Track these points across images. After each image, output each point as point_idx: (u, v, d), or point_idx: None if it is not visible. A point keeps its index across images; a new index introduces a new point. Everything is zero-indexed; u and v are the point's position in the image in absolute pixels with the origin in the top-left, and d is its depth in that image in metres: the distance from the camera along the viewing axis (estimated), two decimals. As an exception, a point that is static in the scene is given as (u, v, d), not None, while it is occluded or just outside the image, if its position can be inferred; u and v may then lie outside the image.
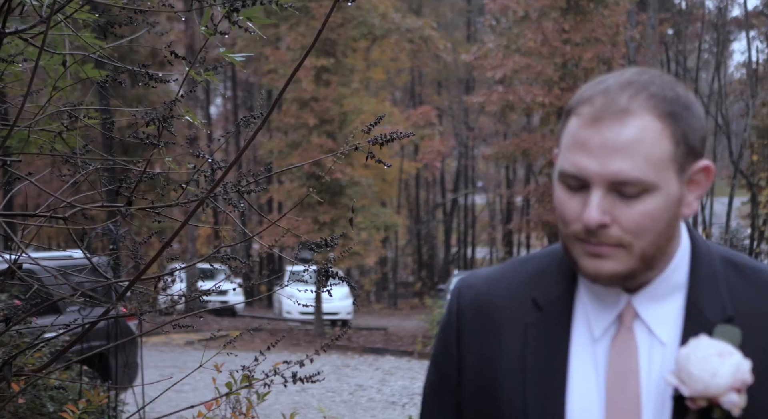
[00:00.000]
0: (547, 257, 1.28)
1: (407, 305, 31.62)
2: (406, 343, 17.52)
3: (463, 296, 1.29)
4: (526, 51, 18.36)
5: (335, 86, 18.38)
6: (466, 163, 34.93)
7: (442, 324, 1.30)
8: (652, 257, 1.15)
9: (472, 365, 1.24)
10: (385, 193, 28.05)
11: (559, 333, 1.20)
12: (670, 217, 1.15)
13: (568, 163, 1.14)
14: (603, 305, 1.20)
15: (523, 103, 18.25)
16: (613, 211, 1.12)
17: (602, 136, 1.11)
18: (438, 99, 33.43)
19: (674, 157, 1.13)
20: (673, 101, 1.14)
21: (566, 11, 18.09)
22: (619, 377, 1.16)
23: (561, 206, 1.17)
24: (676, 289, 1.20)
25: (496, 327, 1.23)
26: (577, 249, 1.16)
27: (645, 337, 1.18)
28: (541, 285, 1.24)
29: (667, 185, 1.13)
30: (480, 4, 30.33)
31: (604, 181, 1.11)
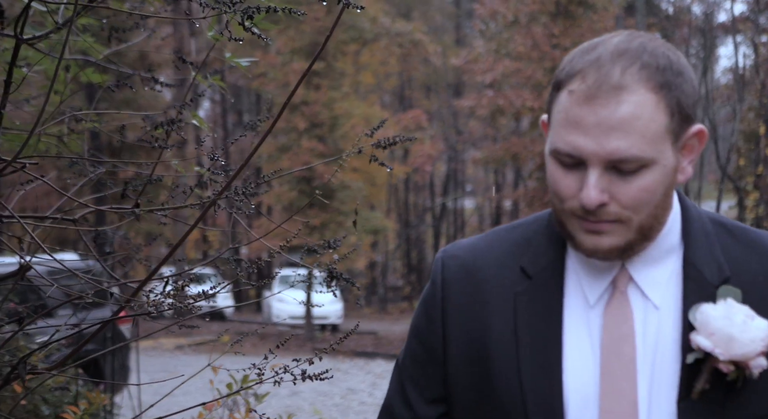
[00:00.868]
0: (533, 224, 1.25)
1: (397, 309, 31.63)
2: (396, 347, 17.56)
3: (447, 266, 1.24)
4: (516, 55, 18.45)
5: (325, 90, 18.42)
6: (455, 167, 35.01)
7: (425, 295, 1.25)
8: (650, 228, 1.13)
9: (459, 337, 1.19)
10: (375, 197, 28.09)
11: (551, 302, 1.17)
12: (667, 186, 1.13)
13: (563, 142, 1.11)
14: (596, 271, 1.17)
15: (513, 108, 18.33)
16: (610, 188, 1.10)
17: (597, 114, 1.08)
18: (427, 103, 33.50)
19: (670, 128, 1.10)
20: (666, 69, 1.10)
21: (555, 16, 18.20)
22: (614, 342, 1.14)
23: (555, 183, 1.13)
24: (669, 252, 1.17)
25: (483, 297, 1.19)
26: (573, 224, 1.13)
27: (639, 301, 1.16)
28: (530, 253, 1.21)
29: (664, 157, 1.10)
30: (469, 9, 30.45)
31: (602, 160, 1.09)
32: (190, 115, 1.63)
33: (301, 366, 1.36)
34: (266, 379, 1.35)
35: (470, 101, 19.44)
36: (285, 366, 1.38)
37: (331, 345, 1.36)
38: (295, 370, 1.37)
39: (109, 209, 1.48)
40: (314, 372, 1.39)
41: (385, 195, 32.24)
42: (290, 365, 1.39)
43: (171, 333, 2.72)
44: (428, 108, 32.58)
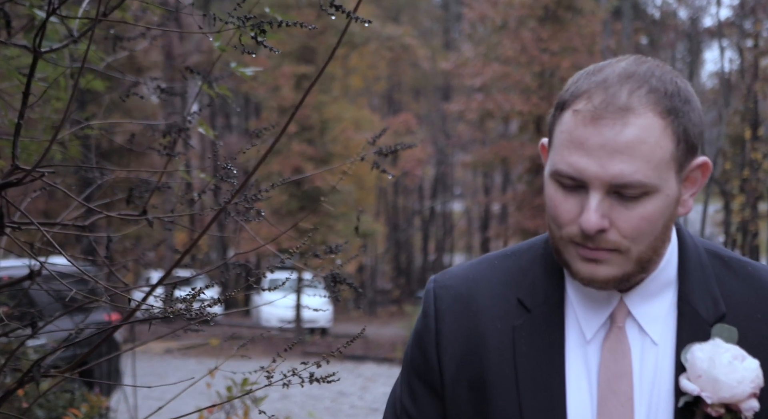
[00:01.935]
0: (527, 252, 1.20)
1: (385, 312, 31.65)
2: (386, 350, 17.58)
3: (440, 297, 1.20)
4: (505, 59, 18.56)
5: (315, 94, 18.45)
6: (444, 171, 35.09)
7: (418, 328, 1.21)
8: (648, 260, 1.10)
9: (456, 371, 1.15)
10: (364, 201, 28.13)
11: (551, 337, 1.13)
12: (667, 219, 1.10)
13: (564, 164, 1.07)
14: (594, 305, 1.14)
15: (502, 111, 18.43)
16: (611, 215, 1.07)
17: (602, 136, 1.05)
18: (416, 106, 33.57)
19: (675, 156, 1.07)
20: (674, 95, 1.07)
21: (544, 20, 18.32)
22: (612, 379, 1.10)
23: (555, 207, 1.10)
24: (666, 286, 1.14)
25: (479, 329, 1.15)
26: (570, 252, 1.10)
27: (637, 337, 1.13)
28: (526, 285, 1.16)
29: (667, 186, 1.07)
30: (458, 12, 30.55)
31: (604, 184, 1.05)
32: (196, 123, 1.67)
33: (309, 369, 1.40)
34: (275, 382, 1.39)
35: (459, 105, 19.53)
36: (293, 368, 1.42)
37: (338, 348, 1.39)
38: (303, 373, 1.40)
39: (119, 215, 1.51)
40: (321, 374, 1.43)
41: (374, 198, 32.29)
42: (298, 367, 1.42)
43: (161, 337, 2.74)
44: (417, 111, 32.66)
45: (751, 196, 19.27)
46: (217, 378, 3.13)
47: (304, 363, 1.42)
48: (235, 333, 1.94)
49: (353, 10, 1.36)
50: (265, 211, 1.58)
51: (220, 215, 1.60)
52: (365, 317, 30.30)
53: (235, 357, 1.97)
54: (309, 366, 1.40)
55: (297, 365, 1.49)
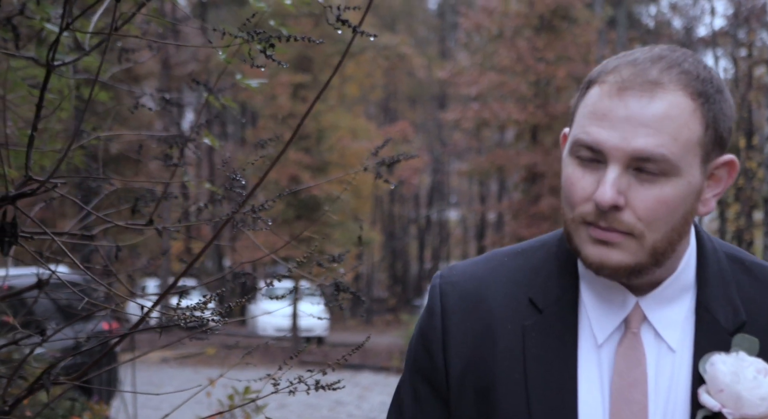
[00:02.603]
0: (539, 250, 1.15)
1: (382, 321, 31.62)
2: (382, 359, 17.57)
3: (446, 294, 1.14)
4: (501, 68, 18.65)
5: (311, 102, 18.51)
6: (440, 179, 35.15)
7: (423, 327, 1.15)
8: (663, 253, 1.04)
9: (463, 372, 1.10)
10: (360, 209, 28.14)
11: (564, 339, 1.07)
12: (687, 210, 1.04)
13: (584, 133, 1.02)
14: (609, 307, 1.08)
15: (498, 120, 18.51)
16: (628, 193, 1.01)
17: (628, 108, 1.00)
18: (412, 114, 33.65)
19: (702, 142, 1.02)
20: (707, 81, 1.03)
21: (539, 30, 18.41)
22: (625, 387, 1.05)
23: (570, 185, 1.04)
24: (684, 291, 1.09)
25: (488, 330, 1.10)
26: (582, 234, 1.04)
27: (653, 343, 1.07)
28: (538, 284, 1.11)
29: (690, 172, 1.02)
30: (453, 21, 30.68)
31: (624, 157, 1.00)
32: (203, 134, 1.69)
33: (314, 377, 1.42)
34: (281, 389, 1.41)
35: (455, 114, 19.60)
36: (300, 376, 1.44)
37: (343, 356, 1.41)
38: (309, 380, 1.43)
39: (127, 225, 1.54)
40: (326, 382, 1.45)
41: (371, 207, 32.32)
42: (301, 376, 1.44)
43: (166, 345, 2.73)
44: (413, 120, 32.74)
45: (746, 205, 19.34)
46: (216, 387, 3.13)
47: (309, 370, 1.44)
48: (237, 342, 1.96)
49: (358, 24, 1.39)
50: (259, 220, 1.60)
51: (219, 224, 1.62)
52: (361, 326, 30.28)
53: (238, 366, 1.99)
54: (314, 374, 1.42)
55: (294, 374, 1.50)
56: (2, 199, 1.19)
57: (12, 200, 1.20)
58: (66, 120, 2.68)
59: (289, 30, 1.63)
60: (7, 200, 1.19)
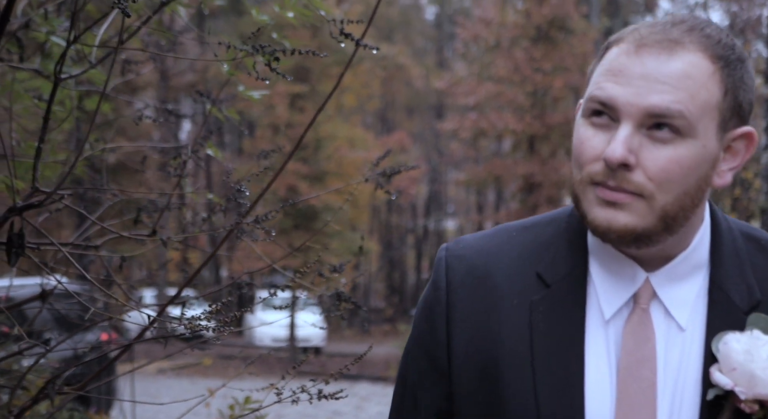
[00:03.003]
0: (548, 226, 1.12)
1: (379, 331, 31.57)
2: (380, 369, 17.54)
3: (452, 268, 1.11)
4: (498, 78, 18.72)
5: (309, 112, 18.55)
6: (437, 189, 35.20)
7: (427, 300, 1.12)
8: (673, 218, 1.00)
9: (467, 347, 1.07)
10: (357, 219, 28.17)
11: (571, 313, 1.04)
12: (700, 177, 1.01)
13: (598, 89, 1.00)
14: (618, 282, 1.05)
15: (495, 130, 18.56)
16: (640, 153, 0.98)
17: (645, 65, 0.98)
18: (409, 124, 33.73)
19: (720, 107, 0.99)
20: (728, 48, 1.01)
21: (536, 40, 18.49)
22: (633, 363, 1.02)
23: (580, 144, 1.01)
24: (696, 268, 1.06)
25: (494, 305, 1.07)
26: (589, 196, 1.01)
27: (662, 321, 1.04)
28: (547, 259, 1.08)
29: (705, 136, 0.99)
30: (450, 32, 30.80)
31: (638, 114, 0.97)
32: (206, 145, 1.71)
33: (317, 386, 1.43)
34: (285, 398, 1.42)
35: (453, 124, 19.65)
36: (303, 385, 1.45)
37: (346, 365, 1.42)
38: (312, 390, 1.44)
39: (131, 235, 1.55)
40: (329, 392, 1.46)
41: (368, 216, 32.34)
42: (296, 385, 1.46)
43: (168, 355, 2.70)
44: (410, 129, 32.81)
45: (742, 215, 19.39)
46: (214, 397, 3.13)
47: (312, 380, 1.46)
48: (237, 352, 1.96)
49: (361, 37, 1.41)
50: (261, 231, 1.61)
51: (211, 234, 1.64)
52: (359, 336, 30.22)
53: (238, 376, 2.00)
54: (317, 384, 1.43)
55: (293, 384, 1.51)
56: (10, 210, 1.21)
57: (19, 211, 1.21)
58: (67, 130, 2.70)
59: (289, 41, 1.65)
60: (15, 211, 1.21)
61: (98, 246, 1.63)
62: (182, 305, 1.61)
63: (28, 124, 2.29)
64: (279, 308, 1.64)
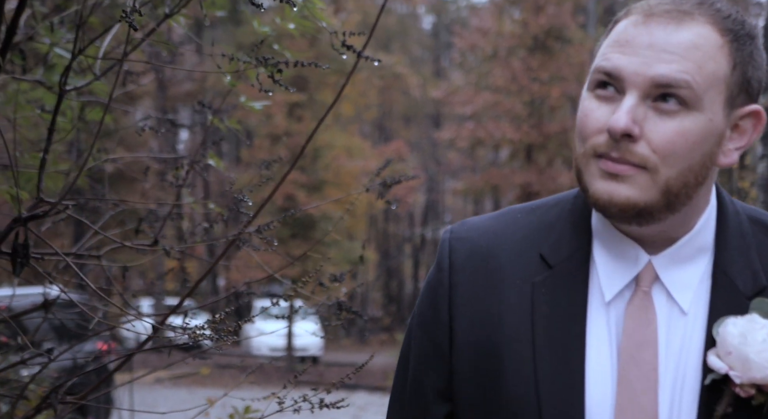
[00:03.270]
0: (554, 208, 1.11)
1: (376, 340, 31.51)
2: (377, 379, 17.50)
3: (456, 250, 1.10)
4: (495, 88, 18.79)
5: (307, 121, 18.59)
6: (434, 198, 35.24)
7: (430, 282, 1.11)
8: (676, 194, 0.99)
9: (469, 328, 1.06)
10: (355, 228, 28.18)
11: (573, 295, 1.03)
12: (705, 152, 0.99)
13: (605, 60, 0.99)
14: (620, 263, 1.04)
15: (493, 139, 18.61)
16: (644, 125, 0.96)
17: (652, 35, 0.96)
18: (406, 133, 33.79)
19: (728, 81, 0.98)
20: (738, 23, 1.00)
21: (533, 50, 18.57)
22: (634, 347, 1.01)
23: (584, 117, 1.00)
24: (700, 252, 1.04)
25: (496, 287, 1.06)
26: (592, 169, 0.99)
27: (664, 304, 1.03)
28: (550, 240, 1.07)
29: (712, 109, 0.97)
30: (448, 41, 30.91)
31: (643, 84, 0.96)
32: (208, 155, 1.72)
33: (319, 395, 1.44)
34: (287, 407, 1.43)
35: (450, 133, 19.71)
36: (304, 395, 1.46)
37: (348, 375, 1.43)
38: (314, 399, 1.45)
39: (133, 245, 1.56)
40: (330, 401, 1.47)
41: (365, 225, 32.35)
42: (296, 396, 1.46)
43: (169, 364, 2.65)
44: (408, 138, 32.87)
45: (739, 223, 19.44)
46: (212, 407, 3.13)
47: (314, 389, 1.46)
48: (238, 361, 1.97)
49: (362, 48, 1.42)
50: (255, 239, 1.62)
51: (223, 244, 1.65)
52: (356, 345, 30.17)
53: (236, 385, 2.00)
54: (318, 393, 1.44)
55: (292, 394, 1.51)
56: (14, 221, 1.22)
57: (24, 222, 1.22)
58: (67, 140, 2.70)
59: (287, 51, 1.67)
60: (20, 222, 1.22)
61: (100, 255, 1.64)
62: (184, 315, 1.62)
63: (29, 133, 2.30)
64: (279, 317, 1.64)
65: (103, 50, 1.52)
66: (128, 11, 0.93)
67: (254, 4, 1.10)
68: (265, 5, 1.47)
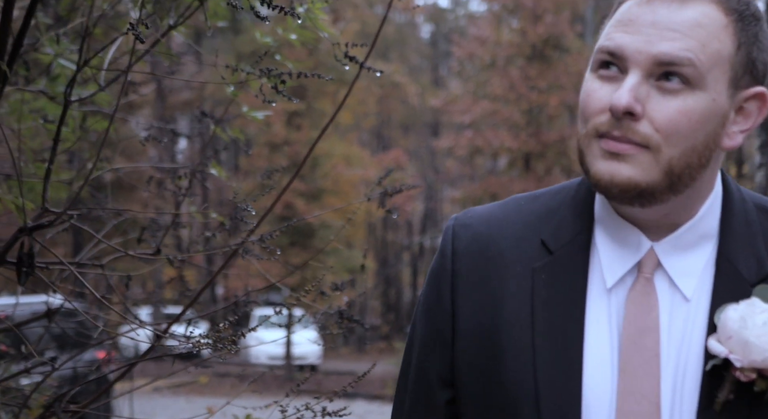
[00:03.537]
0: (557, 195, 1.11)
1: (374, 348, 31.46)
2: (376, 387, 17.47)
3: (458, 236, 1.10)
4: (494, 97, 18.84)
5: (306, 130, 18.62)
6: (433, 206, 35.26)
7: (433, 267, 1.12)
8: (679, 176, 0.98)
9: (470, 315, 1.06)
10: (353, 236, 28.18)
11: (573, 281, 1.03)
12: (709, 133, 0.98)
13: (608, 39, 0.99)
14: (622, 250, 1.03)
15: (491, 148, 18.65)
16: (646, 103, 0.96)
17: (655, 13, 0.96)
18: (405, 142, 33.84)
19: (732, 60, 0.97)
20: (744, 4, 0.99)
21: (531, 59, 18.63)
22: (636, 333, 1.00)
23: (587, 97, 1.00)
24: (704, 239, 1.03)
25: (497, 272, 1.06)
26: (593, 150, 0.99)
27: (666, 291, 1.02)
28: (552, 226, 1.07)
29: (715, 89, 0.97)
30: (446, 50, 31.00)
31: (646, 62, 0.96)
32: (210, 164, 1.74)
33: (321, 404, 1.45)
34: (289, 415, 1.43)
35: (449, 141, 19.75)
36: (307, 403, 1.47)
37: (349, 383, 1.44)
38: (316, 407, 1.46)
39: (137, 254, 1.57)
40: (332, 409, 1.48)
41: (363, 234, 32.35)
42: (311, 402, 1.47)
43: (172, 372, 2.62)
44: (406, 147, 32.92)
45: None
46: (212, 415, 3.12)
47: (317, 397, 1.47)
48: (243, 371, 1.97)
49: (364, 59, 1.44)
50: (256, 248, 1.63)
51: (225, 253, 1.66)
52: (354, 354, 30.10)
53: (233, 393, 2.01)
54: (321, 401, 1.45)
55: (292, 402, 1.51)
56: (20, 231, 1.23)
57: (29, 232, 1.23)
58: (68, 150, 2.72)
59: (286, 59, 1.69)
60: (25, 231, 1.23)
61: (103, 265, 1.65)
62: (187, 323, 1.63)
63: (30, 142, 2.31)
64: (281, 326, 1.65)
65: (108, 61, 1.53)
66: (135, 24, 0.94)
67: (259, 17, 1.12)
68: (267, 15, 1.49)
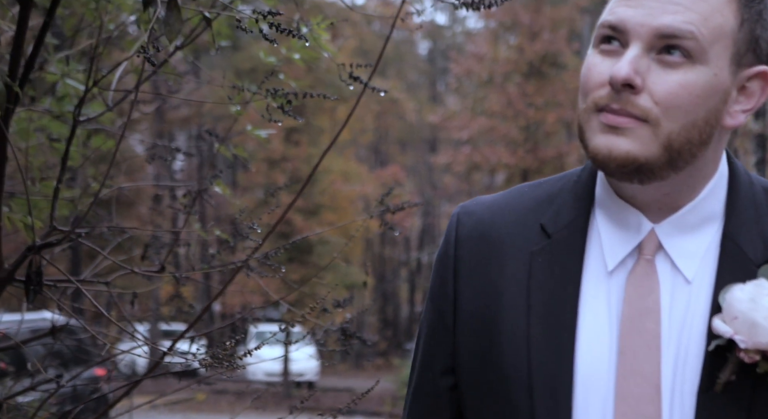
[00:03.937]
0: (560, 181, 1.11)
1: (372, 365, 31.34)
2: (374, 404, 17.41)
3: (462, 224, 1.11)
4: (491, 113, 18.93)
5: (305, 146, 18.67)
6: (431, 222, 35.29)
7: (439, 255, 1.13)
8: (679, 152, 0.97)
9: (471, 300, 1.07)
10: (351, 252, 28.17)
11: (569, 264, 1.03)
12: (710, 109, 0.97)
13: (610, 14, 0.98)
14: (622, 232, 1.03)
15: (488, 164, 18.72)
16: (647, 77, 0.95)
17: None
18: (403, 158, 33.92)
19: (734, 36, 0.97)
20: None
21: (528, 76, 18.73)
22: (636, 316, 0.99)
23: (587, 72, 0.99)
24: (708, 220, 1.02)
25: (497, 257, 1.07)
26: (592, 124, 0.98)
27: (668, 273, 1.01)
28: (551, 210, 1.07)
29: (717, 65, 0.96)
30: (443, 66, 31.16)
31: (647, 35, 0.95)
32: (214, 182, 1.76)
33: None
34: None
35: (446, 157, 19.82)
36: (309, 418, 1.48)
37: (353, 400, 1.45)
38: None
39: (142, 272, 1.59)
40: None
41: (361, 249, 32.33)
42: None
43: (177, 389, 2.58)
44: (404, 163, 33.00)
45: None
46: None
47: (320, 414, 1.48)
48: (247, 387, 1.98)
49: (368, 79, 1.46)
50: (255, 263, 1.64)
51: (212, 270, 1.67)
52: (352, 370, 29.98)
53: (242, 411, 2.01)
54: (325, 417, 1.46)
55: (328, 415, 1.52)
56: (29, 249, 1.25)
57: (38, 250, 1.25)
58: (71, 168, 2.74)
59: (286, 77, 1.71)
60: (34, 250, 1.24)
61: (108, 282, 1.67)
62: (190, 341, 1.64)
63: (35, 160, 2.33)
64: (283, 343, 1.67)
65: (116, 82, 1.56)
66: (146, 47, 0.96)
67: (268, 39, 1.14)
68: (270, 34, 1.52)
